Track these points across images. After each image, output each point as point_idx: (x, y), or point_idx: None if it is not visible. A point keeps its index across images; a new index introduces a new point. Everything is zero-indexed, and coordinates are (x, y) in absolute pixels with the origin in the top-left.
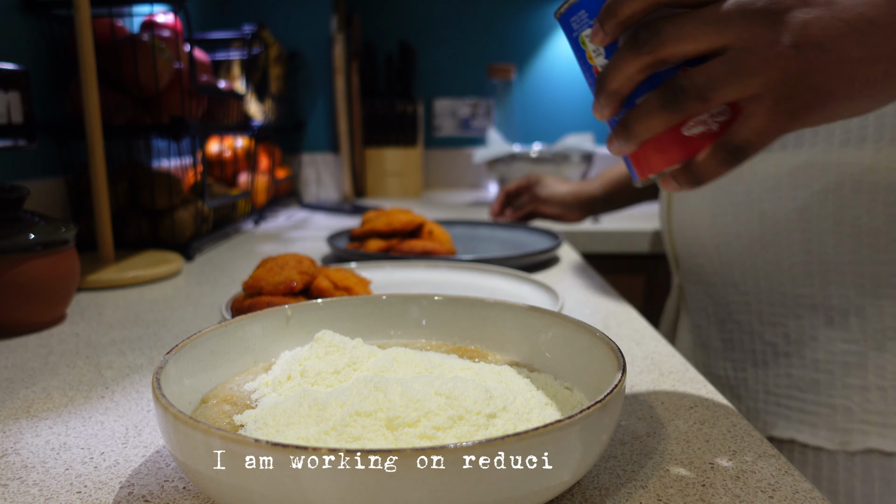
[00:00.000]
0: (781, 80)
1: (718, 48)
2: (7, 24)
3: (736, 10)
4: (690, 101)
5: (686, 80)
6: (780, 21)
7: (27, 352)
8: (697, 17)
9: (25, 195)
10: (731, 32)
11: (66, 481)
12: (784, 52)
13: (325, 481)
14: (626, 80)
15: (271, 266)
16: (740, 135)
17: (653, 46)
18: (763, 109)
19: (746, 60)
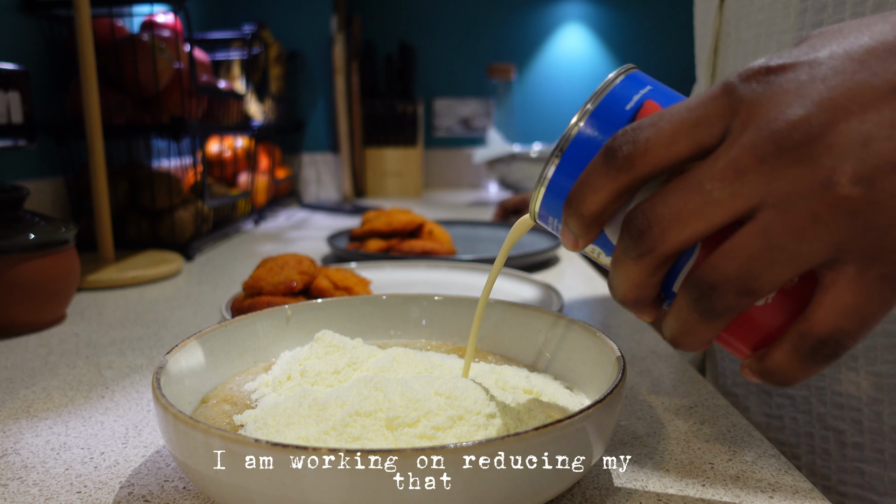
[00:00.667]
0: (857, 234)
1: (743, 213)
2: (7, 24)
3: (751, 155)
4: (730, 300)
5: (713, 273)
6: (824, 149)
7: (27, 352)
8: (698, 185)
9: (25, 195)
10: (753, 187)
11: (66, 481)
12: (846, 192)
13: (325, 481)
14: (637, 287)
15: (271, 266)
16: (822, 320)
17: (650, 245)
18: (846, 280)
19: (790, 221)
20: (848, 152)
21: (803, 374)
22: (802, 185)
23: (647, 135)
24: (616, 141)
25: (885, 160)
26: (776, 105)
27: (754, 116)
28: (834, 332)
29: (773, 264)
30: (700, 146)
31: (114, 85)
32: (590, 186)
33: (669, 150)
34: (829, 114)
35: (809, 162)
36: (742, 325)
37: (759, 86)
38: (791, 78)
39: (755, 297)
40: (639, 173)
